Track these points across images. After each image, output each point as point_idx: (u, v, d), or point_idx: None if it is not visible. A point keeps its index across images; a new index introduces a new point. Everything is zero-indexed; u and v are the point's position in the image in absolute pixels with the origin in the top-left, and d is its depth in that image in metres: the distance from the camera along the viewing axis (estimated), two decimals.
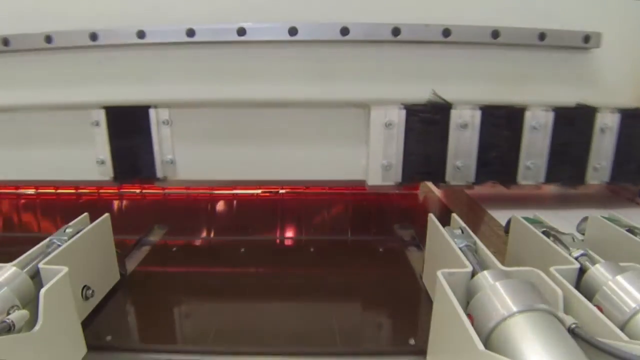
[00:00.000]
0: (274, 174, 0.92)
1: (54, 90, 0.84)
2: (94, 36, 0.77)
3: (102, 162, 0.88)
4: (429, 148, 0.86)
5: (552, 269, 0.52)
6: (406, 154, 0.86)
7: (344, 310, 0.68)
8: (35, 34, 0.78)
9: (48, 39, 0.78)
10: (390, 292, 0.72)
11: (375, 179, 0.88)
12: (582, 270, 0.53)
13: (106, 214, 0.70)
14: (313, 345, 0.59)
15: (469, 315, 0.45)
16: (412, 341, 0.58)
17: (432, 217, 0.71)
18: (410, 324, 0.63)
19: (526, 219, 0.70)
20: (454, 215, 0.70)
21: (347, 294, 0.73)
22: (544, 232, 0.63)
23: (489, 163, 0.86)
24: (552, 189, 0.94)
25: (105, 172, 0.89)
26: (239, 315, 0.66)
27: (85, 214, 0.69)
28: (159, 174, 0.90)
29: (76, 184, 1.12)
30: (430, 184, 1.14)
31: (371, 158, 0.87)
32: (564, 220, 0.83)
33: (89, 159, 0.89)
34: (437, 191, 1.20)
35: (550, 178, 0.88)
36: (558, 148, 0.86)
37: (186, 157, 0.90)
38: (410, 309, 0.68)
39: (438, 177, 0.87)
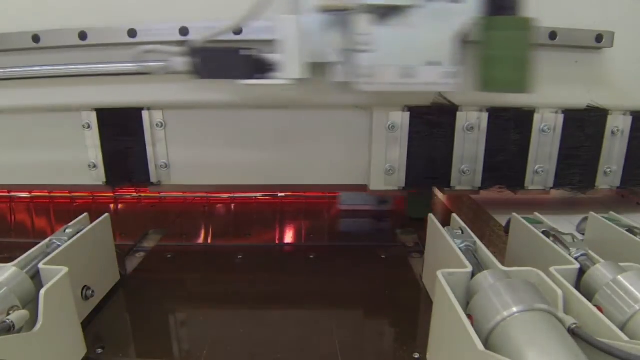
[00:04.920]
0: (272, 178, 0.94)
1: (42, 92, 0.85)
2: (83, 35, 0.78)
3: (94, 166, 0.91)
4: (433, 152, 0.87)
5: (552, 269, 0.55)
6: (410, 158, 0.88)
7: (345, 321, 0.70)
8: (21, 33, 0.79)
9: (35, 38, 0.79)
10: (392, 302, 0.75)
11: (377, 183, 0.90)
12: (582, 270, 0.56)
13: (106, 214, 0.73)
14: (313, 356, 0.62)
15: (469, 316, 0.49)
16: (416, 355, 0.61)
17: (432, 217, 0.75)
18: (414, 337, 0.66)
19: (526, 219, 0.73)
20: (454, 216, 0.73)
21: (348, 303, 0.76)
22: (544, 232, 0.67)
23: (496, 167, 0.88)
24: (558, 193, 0.96)
25: (97, 177, 0.92)
26: (236, 325, 0.68)
27: (85, 214, 0.72)
28: (153, 178, 0.92)
29: (69, 189, 1.15)
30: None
31: (373, 162, 0.88)
32: (571, 225, 0.87)
33: (81, 163, 0.91)
34: (440, 195, 1.23)
35: (559, 183, 0.90)
36: (567, 152, 0.88)
37: (181, 161, 0.92)
38: (413, 320, 0.71)
39: (443, 181, 0.89)
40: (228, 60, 0.70)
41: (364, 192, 0.93)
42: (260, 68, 0.71)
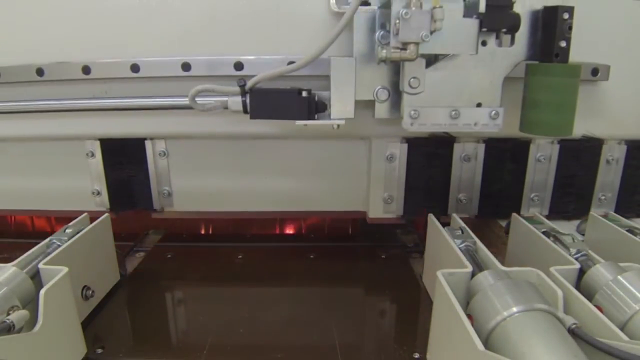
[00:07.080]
0: (273, 205, 0.95)
1: (47, 122, 0.85)
2: (86, 69, 0.79)
3: (98, 193, 0.92)
4: (431, 182, 0.88)
5: (552, 269, 0.55)
6: (408, 188, 0.88)
7: (345, 321, 0.70)
8: (26, 66, 0.79)
9: (39, 71, 0.79)
10: (392, 302, 0.76)
11: (376, 211, 0.91)
12: (582, 270, 0.56)
13: (106, 214, 0.73)
14: (313, 356, 0.62)
15: (469, 316, 0.49)
16: (416, 355, 0.60)
17: (432, 217, 0.75)
18: (414, 337, 0.66)
19: (526, 219, 0.73)
20: (454, 216, 0.73)
21: (348, 303, 0.76)
22: (544, 232, 0.67)
23: (493, 196, 0.89)
24: None
25: (101, 203, 0.92)
26: (236, 325, 0.69)
27: (85, 214, 0.72)
28: (156, 205, 0.93)
29: (72, 214, 1.14)
30: None
31: (372, 191, 0.89)
32: (571, 225, 0.87)
33: (84, 190, 0.92)
34: None
35: (554, 210, 0.90)
36: (563, 180, 0.88)
37: (183, 189, 0.93)
38: (413, 320, 0.71)
39: (440, 210, 0.89)
40: (287, 101, 0.70)
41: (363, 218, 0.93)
42: (316, 108, 0.72)
